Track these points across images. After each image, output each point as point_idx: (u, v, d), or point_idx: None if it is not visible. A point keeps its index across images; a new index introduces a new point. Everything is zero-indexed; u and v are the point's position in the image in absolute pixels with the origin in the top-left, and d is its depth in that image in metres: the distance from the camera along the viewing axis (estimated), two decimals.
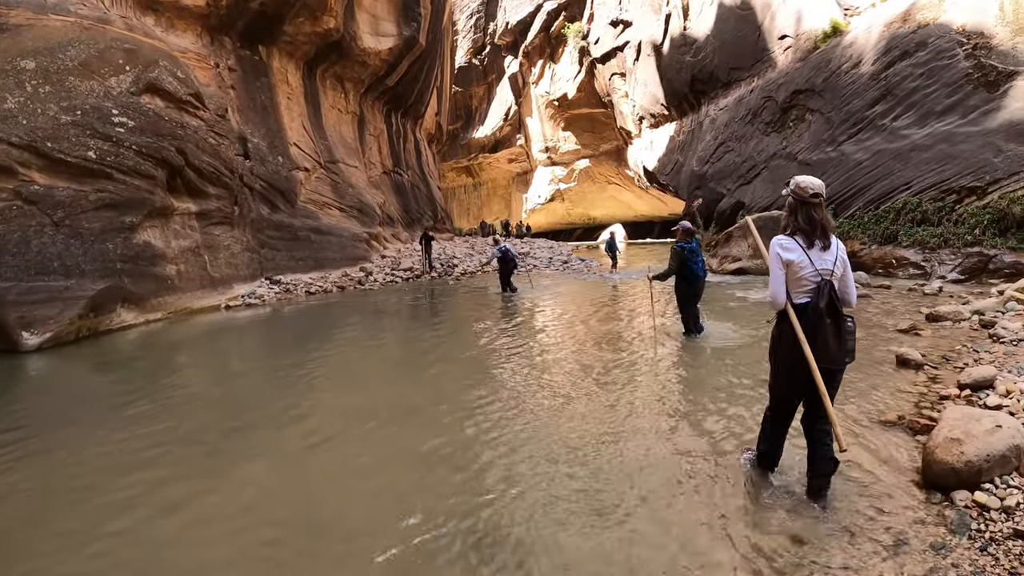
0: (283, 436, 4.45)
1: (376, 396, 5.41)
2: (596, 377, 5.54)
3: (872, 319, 7.29)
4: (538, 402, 4.89)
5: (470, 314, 10.86)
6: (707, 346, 6.64)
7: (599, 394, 4.99)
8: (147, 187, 12.12)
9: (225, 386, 6.33)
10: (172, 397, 5.68)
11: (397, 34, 22.40)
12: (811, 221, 2.92)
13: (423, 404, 5.02)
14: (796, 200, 2.98)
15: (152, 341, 10.01)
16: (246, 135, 15.87)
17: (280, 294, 14.35)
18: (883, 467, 3.30)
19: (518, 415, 4.56)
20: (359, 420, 4.68)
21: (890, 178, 12.73)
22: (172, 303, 12.36)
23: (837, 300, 2.86)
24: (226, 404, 5.50)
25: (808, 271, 2.88)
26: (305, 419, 4.82)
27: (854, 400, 4.35)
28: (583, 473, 3.47)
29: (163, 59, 13.97)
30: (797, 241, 2.93)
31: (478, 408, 4.78)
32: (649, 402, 4.75)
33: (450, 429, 4.36)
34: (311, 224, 17.38)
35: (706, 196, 23.16)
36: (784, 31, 21.90)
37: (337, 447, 4.16)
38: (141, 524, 3.18)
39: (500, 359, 6.60)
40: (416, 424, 4.53)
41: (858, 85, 15.94)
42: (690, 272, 6.98)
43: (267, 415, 4.95)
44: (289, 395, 5.52)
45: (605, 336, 7.66)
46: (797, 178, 3.02)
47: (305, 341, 8.64)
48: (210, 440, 4.45)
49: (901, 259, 10.92)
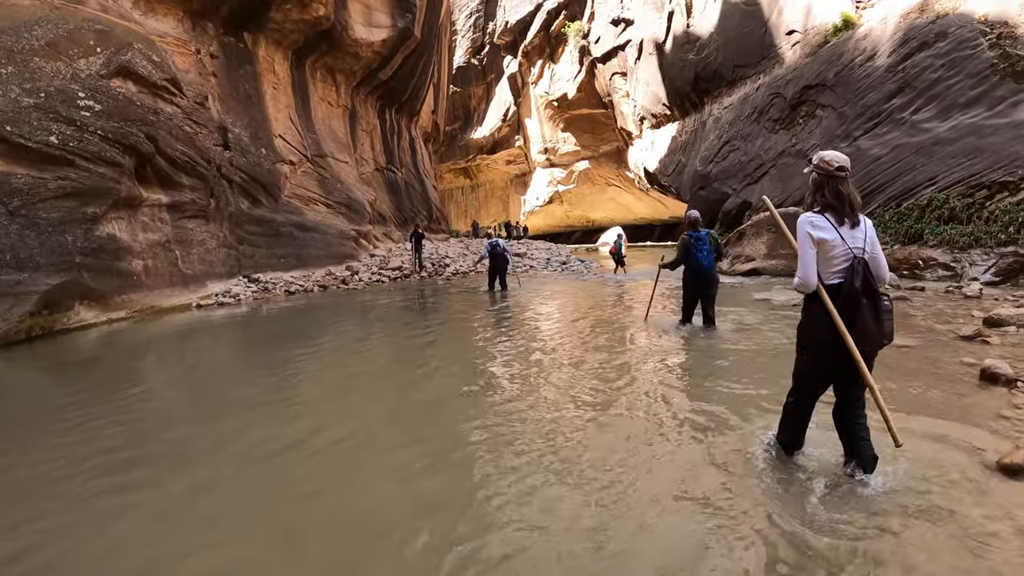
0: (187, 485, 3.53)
1: (340, 425, 4.50)
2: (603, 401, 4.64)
3: (921, 324, 6.39)
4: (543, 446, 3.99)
5: (454, 320, 9.97)
6: (716, 345, 5.80)
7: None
8: (113, 175, 11.23)
9: (168, 399, 5.45)
10: (94, 417, 4.78)
11: (391, 25, 21.56)
12: (839, 196, 2.75)
13: (400, 445, 4.11)
14: (821, 175, 2.82)
15: (112, 342, 9.10)
16: (227, 125, 14.99)
17: (258, 293, 13.45)
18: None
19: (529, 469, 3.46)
20: (298, 457, 3.78)
21: (912, 173, 11.90)
22: (138, 301, 11.44)
23: (872, 278, 2.69)
24: (158, 424, 4.61)
25: (840, 249, 2.71)
26: (228, 451, 3.85)
27: (947, 434, 3.32)
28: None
29: (138, 42, 13.12)
30: (827, 218, 2.74)
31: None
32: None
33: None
34: (295, 220, 16.48)
35: (710, 196, 22.37)
36: (792, 26, 21.18)
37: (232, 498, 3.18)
38: None
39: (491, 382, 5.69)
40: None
41: (874, 78, 15.16)
42: (694, 261, 6.75)
43: (192, 448, 4.03)
44: (236, 420, 4.62)
45: (603, 344, 6.78)
46: (821, 152, 2.86)
47: (276, 347, 7.76)
48: (108, 475, 3.54)
49: (928, 260, 10.04)
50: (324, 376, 5.87)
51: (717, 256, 6.87)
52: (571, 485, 2.96)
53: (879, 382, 4.17)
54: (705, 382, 4.67)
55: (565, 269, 20.15)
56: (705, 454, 3.26)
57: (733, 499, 2.72)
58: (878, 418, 2.72)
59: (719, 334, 6.54)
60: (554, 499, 2.81)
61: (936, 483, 2.74)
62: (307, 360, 6.63)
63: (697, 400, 4.20)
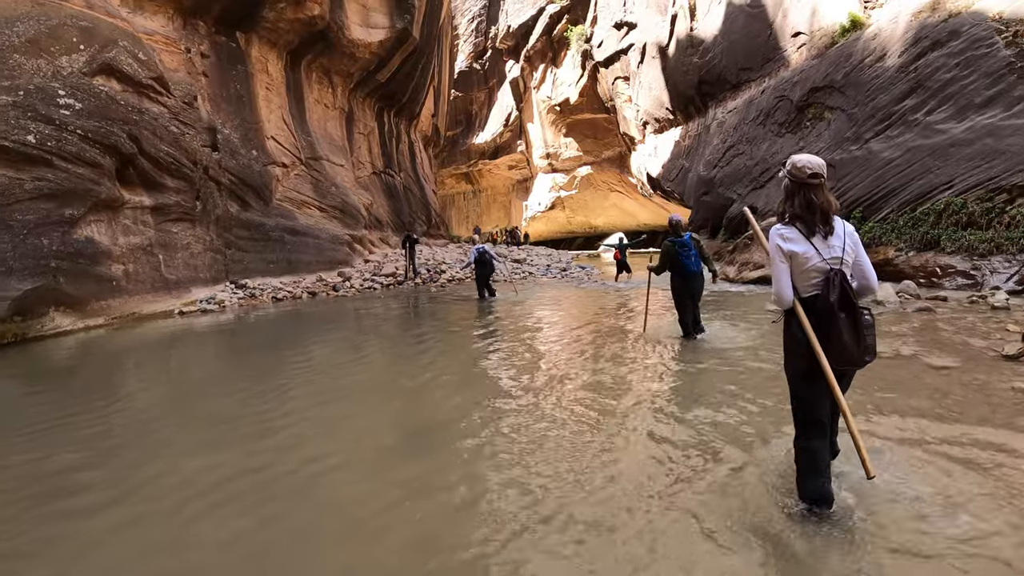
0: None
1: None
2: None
3: (955, 340, 5.80)
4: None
5: (441, 334, 9.47)
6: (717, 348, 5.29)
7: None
8: (92, 176, 10.80)
9: (138, 416, 4.97)
10: (56, 432, 4.34)
11: (389, 26, 21.16)
12: (809, 205, 2.57)
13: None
14: (793, 182, 2.63)
15: (87, 351, 8.65)
16: (216, 125, 14.56)
17: (244, 299, 12.98)
18: None
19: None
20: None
21: (927, 176, 11.37)
22: (117, 307, 10.98)
23: (850, 291, 2.50)
24: (121, 444, 4.17)
25: (814, 262, 2.54)
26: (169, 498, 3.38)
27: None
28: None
29: (123, 39, 12.73)
30: (798, 229, 2.58)
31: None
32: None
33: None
34: (286, 224, 16.01)
35: (715, 202, 21.87)
36: (798, 28, 20.72)
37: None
38: None
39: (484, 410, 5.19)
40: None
41: (884, 79, 14.66)
42: (682, 266, 6.72)
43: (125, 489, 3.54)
44: (200, 444, 4.14)
45: (606, 355, 6.27)
46: (793, 157, 2.64)
47: (254, 360, 7.27)
48: (51, 501, 3.08)
49: (946, 267, 9.49)
50: (296, 399, 5.35)
51: (704, 260, 6.88)
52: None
53: (924, 410, 3.67)
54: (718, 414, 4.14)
55: (565, 276, 19.63)
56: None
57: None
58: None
59: (729, 351, 6.01)
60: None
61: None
62: (283, 377, 6.13)
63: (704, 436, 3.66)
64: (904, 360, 5.11)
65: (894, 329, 6.41)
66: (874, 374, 4.43)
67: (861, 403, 3.91)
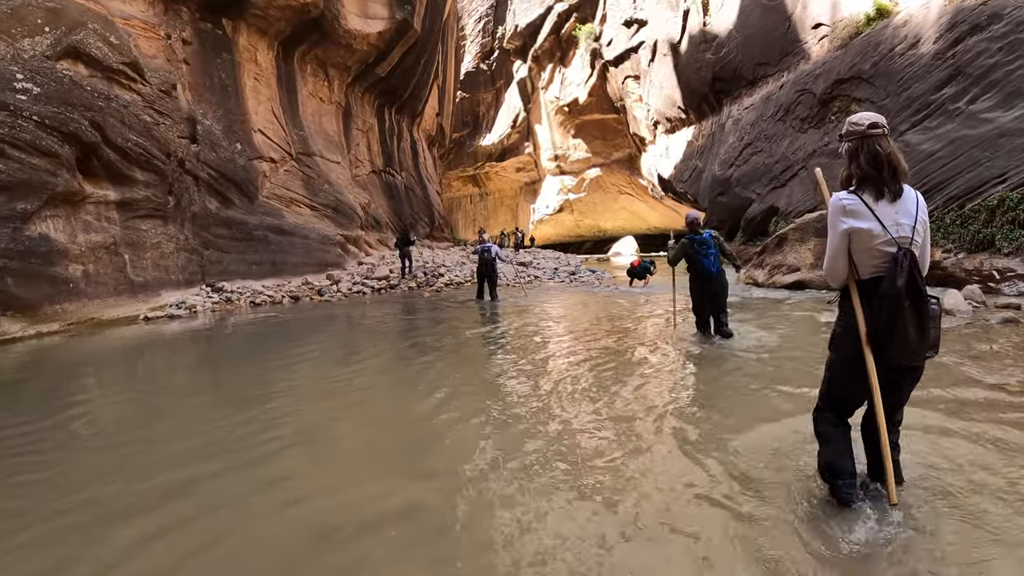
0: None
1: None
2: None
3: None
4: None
5: (396, 360, 8.35)
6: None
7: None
8: (48, 167, 9.83)
9: (75, 444, 3.95)
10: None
11: (388, 17, 20.18)
12: (875, 158, 2.22)
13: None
14: (853, 140, 2.29)
15: (38, 360, 7.61)
16: (196, 116, 13.59)
17: (219, 304, 11.93)
18: None
19: None
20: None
21: (976, 169, 10.18)
22: (74, 312, 9.98)
23: (919, 275, 2.16)
24: (50, 477, 3.22)
25: (881, 240, 2.20)
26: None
27: None
28: None
29: (93, 22, 11.80)
30: (863, 200, 2.23)
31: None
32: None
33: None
34: (271, 223, 14.97)
35: (731, 203, 20.73)
36: (819, 19, 19.59)
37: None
38: None
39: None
40: None
41: (918, 67, 13.52)
42: (700, 266, 6.26)
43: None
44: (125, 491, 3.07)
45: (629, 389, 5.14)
46: (849, 118, 2.32)
47: (213, 377, 6.21)
48: None
49: (1005, 271, 8.25)
50: (247, 430, 4.28)
51: (726, 257, 6.43)
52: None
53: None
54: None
55: (574, 280, 18.38)
56: None
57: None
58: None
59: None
60: None
61: None
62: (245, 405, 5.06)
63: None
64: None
65: (988, 348, 5.13)
66: (994, 413, 3.26)
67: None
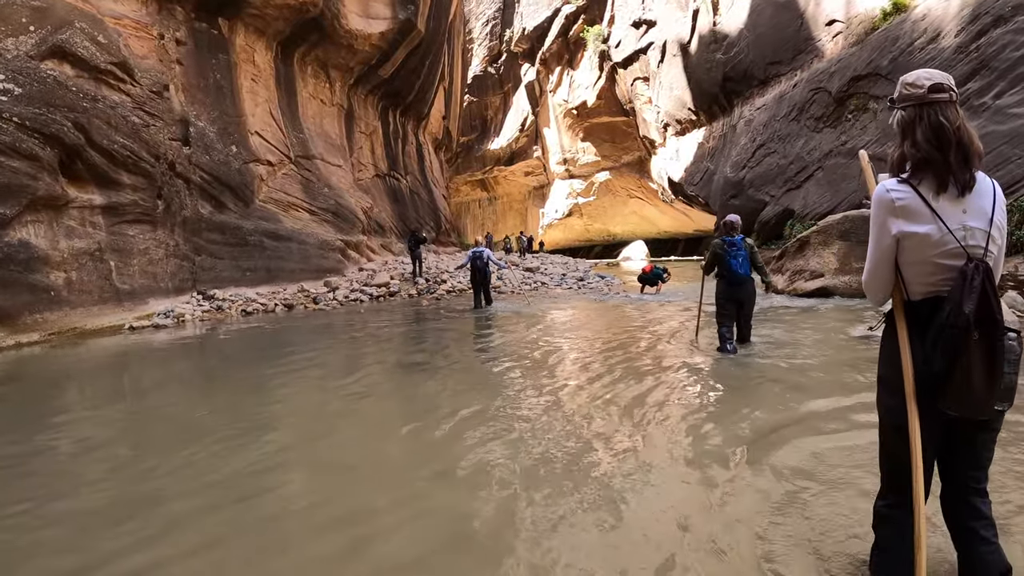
0: None
1: None
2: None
3: None
4: None
5: (405, 370, 7.80)
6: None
7: None
8: (29, 170, 9.44)
9: (45, 469, 3.42)
10: None
11: (391, 16, 19.77)
12: (939, 133, 1.50)
13: None
14: (908, 108, 1.57)
15: (14, 374, 7.11)
16: (189, 118, 13.19)
17: (209, 312, 11.46)
18: None
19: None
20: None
21: (1008, 167, 9.57)
22: (56, 321, 9.56)
23: (995, 297, 1.44)
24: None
25: (942, 250, 1.51)
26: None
27: None
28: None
29: (81, 21, 11.45)
30: (920, 193, 1.52)
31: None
32: None
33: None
34: (267, 228, 14.52)
35: (744, 205, 20.07)
36: (833, 15, 19.00)
37: None
38: None
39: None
40: None
41: (940, 61, 12.90)
42: (727, 268, 5.92)
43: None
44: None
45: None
46: (903, 77, 1.61)
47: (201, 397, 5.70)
48: None
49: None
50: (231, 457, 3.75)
51: (755, 267, 6.08)
52: None
53: None
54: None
55: (582, 286, 17.58)
56: None
57: None
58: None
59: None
60: None
61: None
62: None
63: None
64: None
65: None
66: None
67: None
